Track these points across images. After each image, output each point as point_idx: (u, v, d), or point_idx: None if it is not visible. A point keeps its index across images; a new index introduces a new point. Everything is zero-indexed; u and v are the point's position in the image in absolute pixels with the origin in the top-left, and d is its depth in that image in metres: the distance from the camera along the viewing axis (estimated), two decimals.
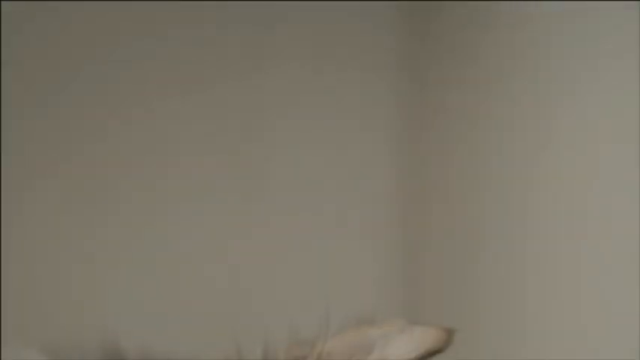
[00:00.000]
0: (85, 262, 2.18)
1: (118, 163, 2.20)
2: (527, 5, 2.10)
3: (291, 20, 2.36)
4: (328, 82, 2.40)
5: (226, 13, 2.27)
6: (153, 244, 2.24)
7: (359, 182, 2.49)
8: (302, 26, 2.37)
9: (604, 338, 1.88)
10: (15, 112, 2.03)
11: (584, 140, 1.95)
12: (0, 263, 2.00)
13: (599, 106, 1.91)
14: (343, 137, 2.42)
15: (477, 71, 2.26)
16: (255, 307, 2.24)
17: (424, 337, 1.13)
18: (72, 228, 2.17)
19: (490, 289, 2.23)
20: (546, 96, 2.07)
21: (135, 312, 2.17)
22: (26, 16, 2.03)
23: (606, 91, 1.89)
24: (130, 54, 2.17)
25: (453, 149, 2.34)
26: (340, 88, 2.43)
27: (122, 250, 2.22)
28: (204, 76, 2.26)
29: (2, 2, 1.98)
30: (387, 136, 2.50)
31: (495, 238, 2.21)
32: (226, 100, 2.30)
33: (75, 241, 2.17)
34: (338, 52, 2.42)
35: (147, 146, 2.22)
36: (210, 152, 2.28)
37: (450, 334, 1.14)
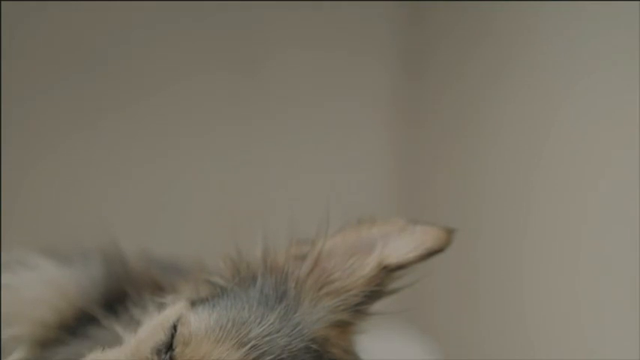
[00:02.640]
0: (84, 164, 2.18)
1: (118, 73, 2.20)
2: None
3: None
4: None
5: None
6: (153, 145, 2.24)
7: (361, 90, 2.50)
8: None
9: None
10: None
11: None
12: (0, 168, 2.00)
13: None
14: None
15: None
16: (255, 206, 2.25)
17: (424, 237, 1.13)
18: (72, 131, 2.17)
19: (491, 190, 2.24)
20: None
21: (134, 213, 2.18)
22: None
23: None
24: None
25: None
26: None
27: (122, 151, 2.22)
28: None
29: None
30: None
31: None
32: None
33: (75, 144, 2.17)
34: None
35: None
36: None
37: (450, 234, 1.14)
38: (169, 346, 1.02)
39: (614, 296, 1.86)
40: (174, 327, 1.03)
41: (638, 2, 1.75)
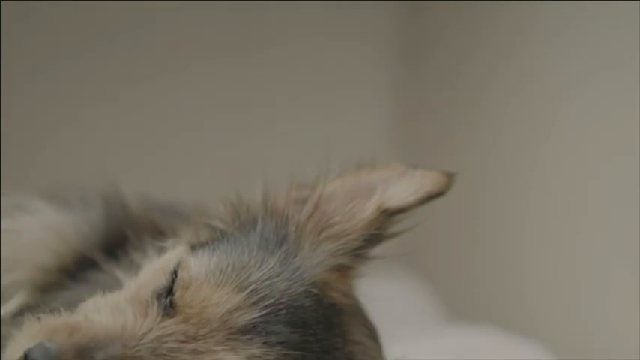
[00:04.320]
0: (85, 110, 2.18)
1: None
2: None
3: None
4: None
5: None
6: (153, 90, 2.24)
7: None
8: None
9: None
10: None
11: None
12: (0, 112, 2.00)
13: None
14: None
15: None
16: (255, 151, 2.25)
17: (424, 181, 1.13)
18: (73, 77, 2.16)
19: (492, 137, 2.23)
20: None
21: (135, 158, 2.18)
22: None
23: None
24: None
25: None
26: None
27: (122, 95, 2.22)
28: None
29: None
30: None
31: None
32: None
33: (76, 90, 2.16)
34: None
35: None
36: None
37: (450, 178, 1.14)
38: (170, 290, 1.02)
39: (611, 250, 1.86)
40: (175, 271, 1.03)
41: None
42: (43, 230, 1.24)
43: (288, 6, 2.33)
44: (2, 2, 1.97)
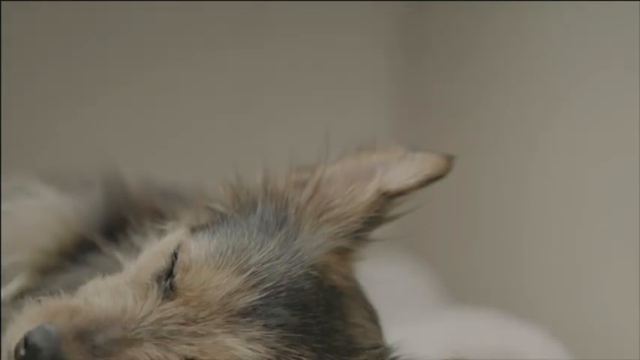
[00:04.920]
0: (85, 91, 2.18)
1: None
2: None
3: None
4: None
5: None
6: (153, 73, 2.23)
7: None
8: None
9: None
10: None
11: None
12: (0, 93, 1.99)
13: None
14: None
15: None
16: (255, 133, 2.25)
17: (424, 164, 1.12)
18: (74, 57, 2.16)
19: (492, 119, 2.23)
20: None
21: (135, 139, 2.18)
22: None
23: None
24: None
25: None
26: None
27: (123, 78, 2.22)
28: None
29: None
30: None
31: None
32: None
33: (76, 72, 2.16)
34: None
35: None
36: None
37: (449, 161, 1.14)
38: (170, 273, 1.02)
39: (611, 234, 1.86)
40: (175, 254, 1.03)
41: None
42: (43, 213, 1.24)
43: None
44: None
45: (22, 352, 0.94)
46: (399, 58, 2.49)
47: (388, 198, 1.11)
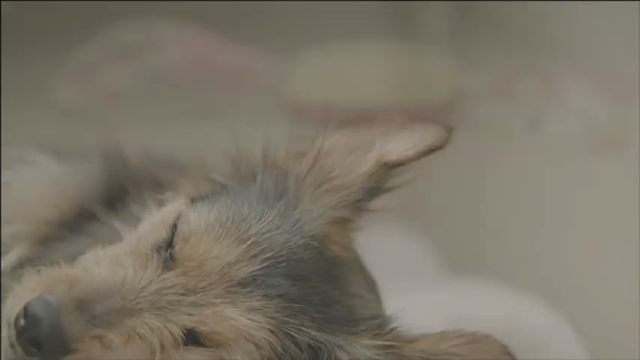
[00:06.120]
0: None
1: None
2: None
3: None
4: None
5: None
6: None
7: None
8: None
9: None
10: None
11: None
12: (0, 61, 1.99)
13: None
14: None
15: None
16: (256, 104, 2.24)
17: (424, 134, 1.12)
18: (76, 26, 2.15)
19: None
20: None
21: (135, 112, 2.18)
22: None
23: None
24: None
25: None
26: None
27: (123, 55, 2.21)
28: None
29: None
30: None
31: None
32: None
33: (79, 42, 2.16)
34: None
35: None
36: None
37: (449, 131, 1.13)
38: (169, 243, 1.02)
39: (612, 205, 1.87)
40: (175, 224, 1.04)
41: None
42: (43, 183, 1.24)
43: None
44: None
45: (22, 322, 0.94)
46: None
47: (388, 168, 1.11)
